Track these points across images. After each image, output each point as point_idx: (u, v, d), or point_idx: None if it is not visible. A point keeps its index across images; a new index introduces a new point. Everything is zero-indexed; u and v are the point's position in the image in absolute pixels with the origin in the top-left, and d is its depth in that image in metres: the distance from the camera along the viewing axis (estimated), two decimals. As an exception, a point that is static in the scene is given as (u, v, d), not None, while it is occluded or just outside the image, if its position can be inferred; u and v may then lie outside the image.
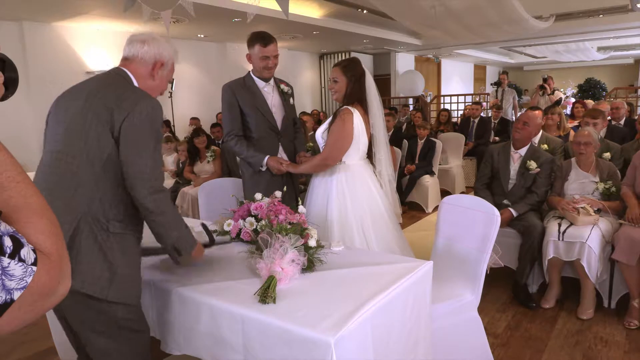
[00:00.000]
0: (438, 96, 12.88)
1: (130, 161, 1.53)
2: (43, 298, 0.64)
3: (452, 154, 6.78)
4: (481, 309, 2.37)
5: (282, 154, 2.86)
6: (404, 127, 7.87)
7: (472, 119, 7.33)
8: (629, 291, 2.89)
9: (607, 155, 3.62)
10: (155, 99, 1.62)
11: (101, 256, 1.53)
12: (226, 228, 2.24)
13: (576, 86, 15.35)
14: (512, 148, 3.51)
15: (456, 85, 15.64)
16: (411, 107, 10.91)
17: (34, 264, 0.62)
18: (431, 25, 7.04)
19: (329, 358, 1.31)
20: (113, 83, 1.63)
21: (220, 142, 6.26)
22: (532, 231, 3.12)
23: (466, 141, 6.91)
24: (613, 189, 3.16)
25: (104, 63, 7.04)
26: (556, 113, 4.89)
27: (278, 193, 2.28)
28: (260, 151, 2.74)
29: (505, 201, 3.39)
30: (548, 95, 8.43)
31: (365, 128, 2.58)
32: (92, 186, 1.54)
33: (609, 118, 4.92)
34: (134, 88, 1.64)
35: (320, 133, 2.65)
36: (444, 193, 5.84)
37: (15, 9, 5.70)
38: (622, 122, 5.03)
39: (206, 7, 5.85)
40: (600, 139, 3.56)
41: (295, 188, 2.96)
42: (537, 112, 4.37)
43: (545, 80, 8.78)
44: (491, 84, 11.58)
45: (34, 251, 0.63)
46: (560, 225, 3.02)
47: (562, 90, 12.08)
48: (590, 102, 7.86)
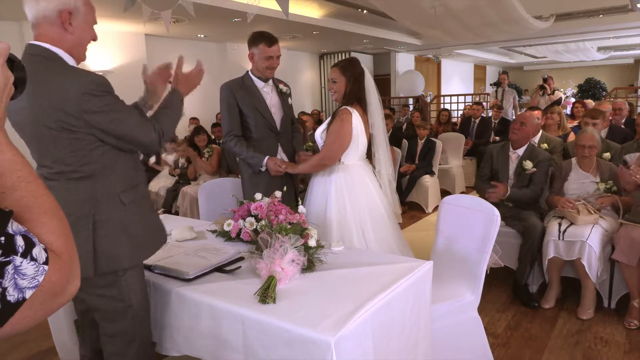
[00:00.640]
0: (438, 96, 12.87)
1: (118, 131, 1.54)
2: (53, 297, 0.65)
3: (452, 154, 6.78)
4: (481, 309, 2.37)
5: (281, 154, 2.86)
6: (404, 127, 7.88)
7: (473, 119, 7.34)
8: (629, 291, 2.88)
9: (607, 155, 3.62)
10: (80, 73, 1.48)
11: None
12: (226, 228, 2.24)
13: (576, 86, 15.34)
14: (511, 148, 3.51)
15: (456, 85, 15.63)
16: (411, 107, 10.92)
17: (46, 263, 0.63)
18: (431, 25, 7.04)
19: (329, 358, 1.31)
20: (43, 82, 1.46)
21: (220, 142, 6.26)
22: (532, 231, 3.12)
23: (466, 140, 6.92)
24: (614, 188, 3.17)
25: (104, 63, 7.04)
26: (556, 112, 4.88)
27: (278, 193, 2.28)
28: (259, 151, 2.74)
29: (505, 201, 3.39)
30: (548, 95, 8.42)
31: (364, 128, 2.58)
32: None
33: (610, 118, 4.91)
34: (60, 72, 1.48)
35: (319, 133, 2.65)
36: (444, 193, 5.84)
37: (15, 9, 5.70)
38: (623, 123, 5.02)
39: (206, 7, 5.85)
40: (601, 139, 3.56)
41: (295, 188, 2.96)
42: (536, 112, 4.36)
43: (545, 80, 8.77)
44: (491, 84, 11.56)
45: (45, 250, 0.64)
46: (560, 224, 3.02)
47: (562, 90, 12.07)
48: (590, 102, 7.85)
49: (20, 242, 0.61)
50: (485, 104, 9.31)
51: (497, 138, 7.01)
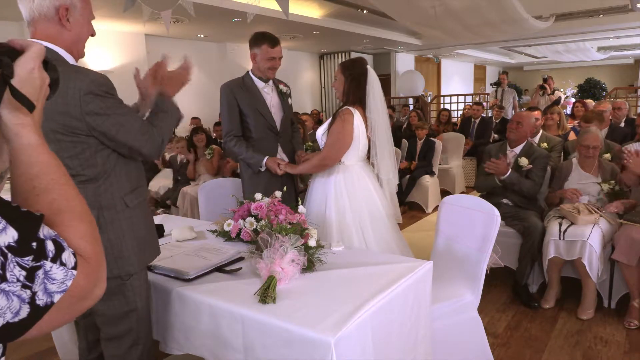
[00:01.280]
0: (438, 96, 12.88)
1: (120, 137, 1.50)
2: (80, 301, 0.66)
3: (452, 154, 6.78)
4: (481, 309, 2.37)
5: (282, 154, 2.86)
6: (404, 127, 7.88)
7: (474, 119, 7.35)
8: (629, 291, 2.88)
9: (607, 156, 3.62)
10: (82, 73, 1.44)
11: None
12: (226, 228, 2.25)
13: (576, 86, 15.34)
14: (508, 147, 3.53)
15: (456, 85, 15.64)
16: (411, 107, 10.92)
17: (74, 268, 0.63)
18: (431, 25, 7.04)
19: (329, 358, 1.31)
20: None
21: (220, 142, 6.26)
22: (533, 231, 3.12)
23: (466, 140, 6.93)
24: (617, 188, 3.17)
25: (104, 63, 7.04)
26: (555, 112, 4.90)
27: (278, 193, 2.28)
28: (259, 152, 2.74)
29: (504, 200, 3.39)
30: (548, 95, 8.42)
31: (365, 129, 2.57)
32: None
33: (610, 118, 4.92)
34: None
35: (320, 134, 2.65)
36: (444, 193, 5.84)
37: (15, 9, 5.67)
38: (622, 123, 5.02)
39: (206, 7, 5.85)
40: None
41: (295, 188, 2.96)
42: (535, 112, 4.36)
43: (545, 80, 8.78)
44: (491, 84, 11.58)
45: (74, 255, 0.64)
46: (560, 224, 3.02)
47: (562, 90, 12.08)
48: (590, 102, 7.85)
49: (50, 247, 0.61)
50: (485, 104, 9.32)
51: (496, 136, 7.03)
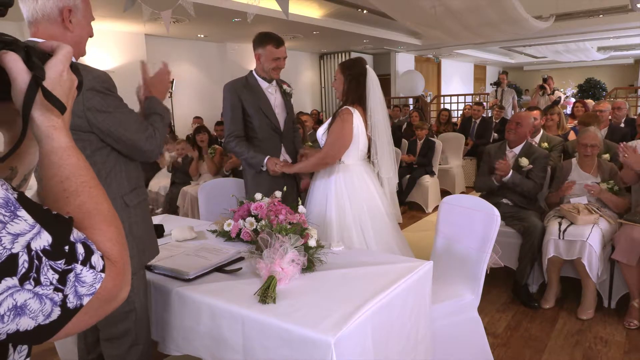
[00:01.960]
0: (438, 96, 12.88)
1: (121, 134, 1.51)
2: (106, 303, 0.66)
3: (452, 154, 6.78)
4: (481, 309, 2.37)
5: (284, 155, 2.86)
6: (404, 127, 7.88)
7: (474, 120, 7.35)
8: (629, 291, 2.88)
9: (607, 156, 3.62)
10: (84, 70, 1.41)
11: None
12: (226, 228, 2.25)
13: (576, 86, 15.35)
14: (507, 147, 3.53)
15: (456, 85, 15.64)
16: (411, 107, 10.92)
17: (102, 271, 0.64)
18: (431, 25, 7.04)
19: (329, 358, 1.31)
20: None
21: (222, 141, 6.26)
22: (533, 231, 3.12)
23: (466, 140, 6.93)
24: (616, 187, 3.17)
25: (104, 63, 7.04)
26: (555, 113, 4.90)
27: (278, 193, 2.28)
28: (262, 152, 2.73)
29: (504, 200, 3.39)
30: (548, 95, 8.42)
31: (365, 128, 2.58)
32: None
33: (610, 118, 4.92)
34: None
35: (320, 134, 2.65)
36: (444, 193, 5.84)
37: (15, 9, 5.64)
38: (622, 122, 5.02)
39: (206, 7, 5.85)
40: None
41: (297, 188, 2.96)
42: (534, 112, 4.36)
43: (545, 80, 8.77)
44: (491, 84, 11.55)
45: (102, 258, 0.65)
46: (560, 224, 3.02)
47: (562, 90, 12.07)
48: (590, 102, 7.85)
49: (80, 250, 0.62)
50: (485, 104, 9.32)
51: (496, 135, 7.04)
